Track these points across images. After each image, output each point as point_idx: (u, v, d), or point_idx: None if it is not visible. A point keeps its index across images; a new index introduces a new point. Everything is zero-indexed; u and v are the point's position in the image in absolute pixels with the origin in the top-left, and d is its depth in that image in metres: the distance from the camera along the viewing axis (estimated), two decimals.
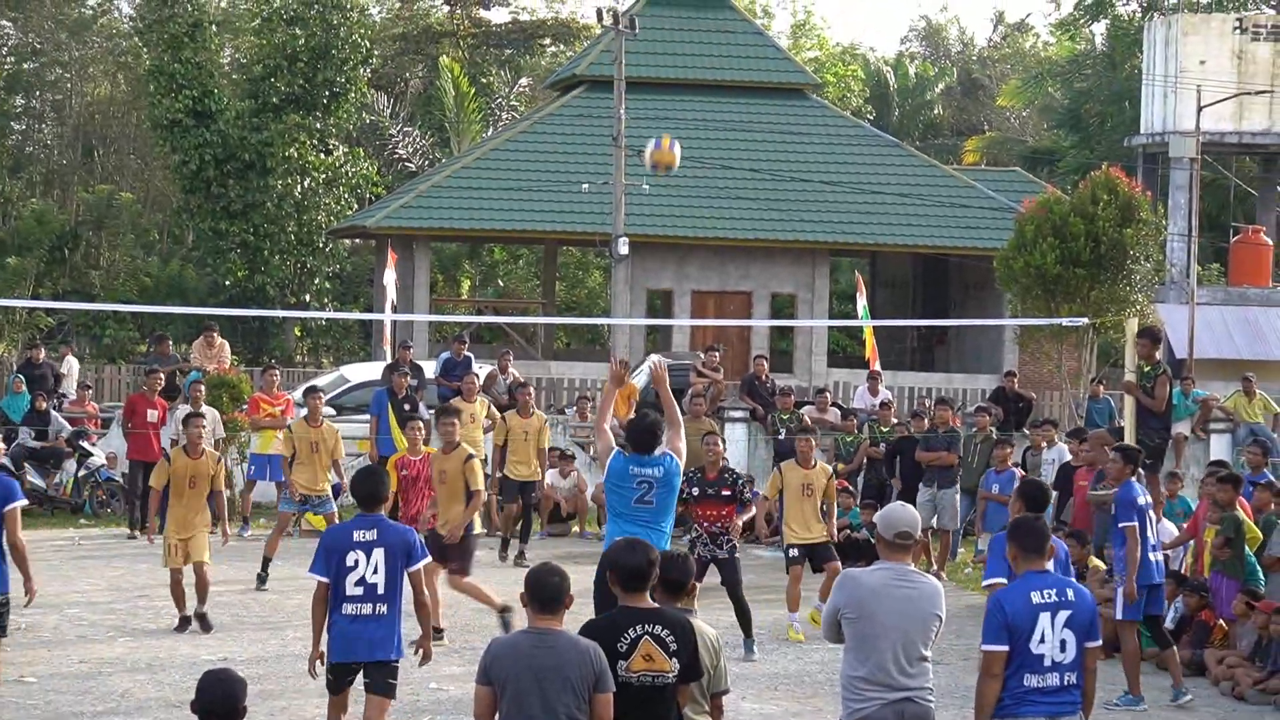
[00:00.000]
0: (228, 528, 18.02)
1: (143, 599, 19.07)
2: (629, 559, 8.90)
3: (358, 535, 11.23)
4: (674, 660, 8.78)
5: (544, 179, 41.58)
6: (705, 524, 16.57)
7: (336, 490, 21.45)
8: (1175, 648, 15.88)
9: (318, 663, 11.45)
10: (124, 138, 62.17)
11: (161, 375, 26.04)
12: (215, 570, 20.47)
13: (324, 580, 11.24)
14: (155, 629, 17.24)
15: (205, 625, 17.10)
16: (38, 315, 47.34)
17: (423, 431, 19.37)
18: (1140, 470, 15.75)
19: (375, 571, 11.15)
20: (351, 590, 11.16)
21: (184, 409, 24.87)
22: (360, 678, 11.41)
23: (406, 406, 25.09)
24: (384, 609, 11.21)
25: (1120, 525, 15.05)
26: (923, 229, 42.51)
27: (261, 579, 20.17)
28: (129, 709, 14.09)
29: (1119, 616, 15.17)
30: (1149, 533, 15.08)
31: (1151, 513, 15.28)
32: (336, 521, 20.66)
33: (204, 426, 17.75)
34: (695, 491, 16.59)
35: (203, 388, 25.06)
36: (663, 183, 40.71)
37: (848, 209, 42.42)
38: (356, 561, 11.15)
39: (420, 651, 11.79)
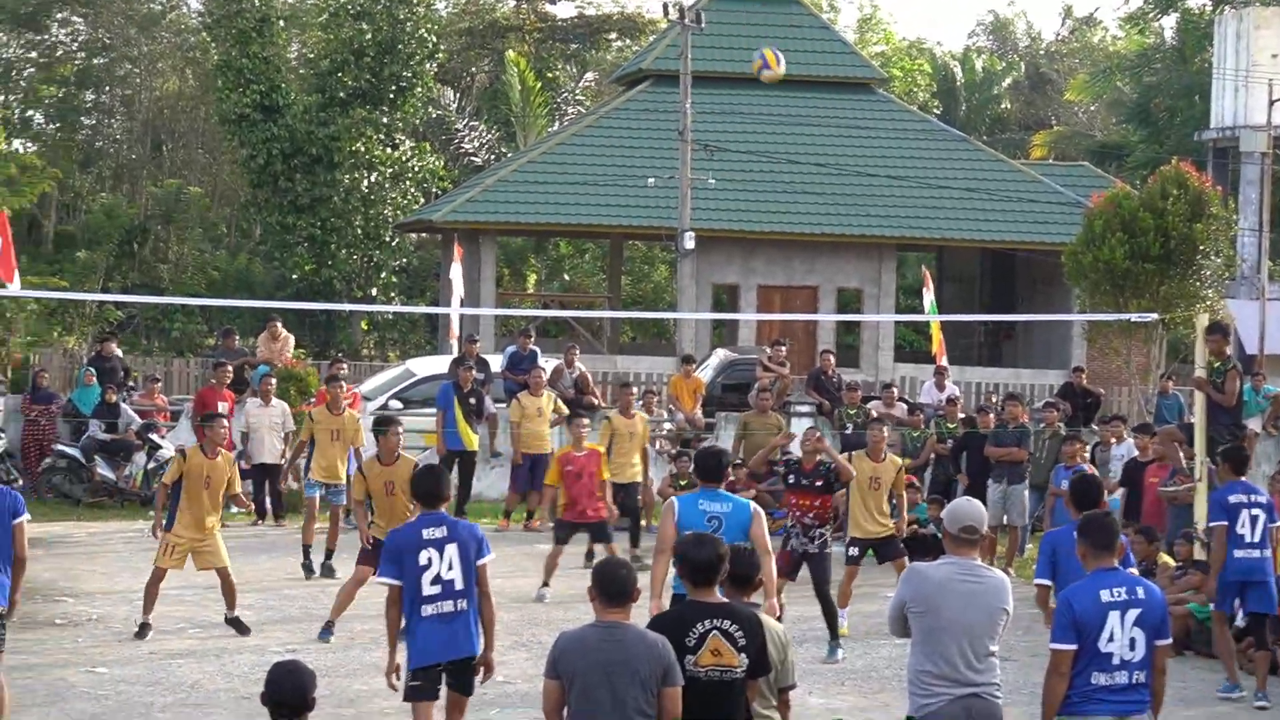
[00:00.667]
0: (246, 500, 18.38)
1: (212, 591, 19.09)
2: (698, 553, 8.88)
3: (427, 533, 10.97)
4: (742, 655, 8.76)
5: (610, 173, 41.59)
6: (798, 513, 16.57)
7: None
8: (1270, 651, 15.70)
9: (394, 675, 11.18)
10: (192, 132, 62.50)
11: (230, 368, 26.18)
12: (283, 564, 20.69)
13: (395, 583, 10.98)
14: (224, 621, 17.30)
15: (241, 629, 16.81)
16: (107, 309, 47.63)
17: (587, 427, 19.63)
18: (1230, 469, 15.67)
19: (450, 568, 10.89)
20: (429, 589, 10.89)
21: (252, 402, 25.06)
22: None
23: (472, 400, 25.14)
24: (464, 604, 10.97)
25: (1209, 524, 15.57)
26: (990, 224, 42.33)
27: (307, 568, 20.32)
28: (198, 700, 14.17)
29: (1212, 609, 15.50)
30: (1244, 530, 15.12)
31: (1255, 511, 15.20)
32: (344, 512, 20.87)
33: (225, 428, 17.34)
34: (791, 480, 16.74)
35: (274, 381, 25.18)
36: (729, 177, 40.71)
37: (914, 204, 42.29)
38: (430, 560, 10.87)
39: (483, 669, 11.27)
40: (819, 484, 16.56)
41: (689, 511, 11.67)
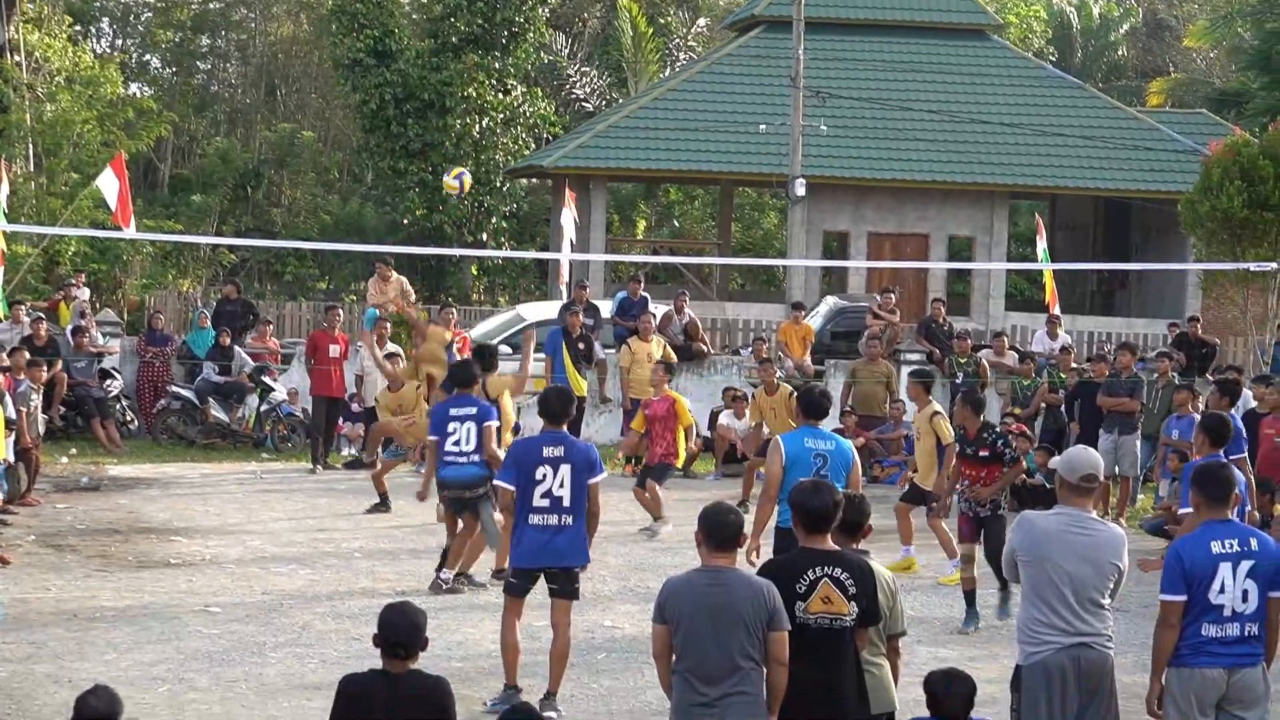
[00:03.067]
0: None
1: (322, 533, 19.34)
2: (813, 501, 8.85)
3: (546, 451, 11.85)
4: (852, 604, 8.73)
5: (721, 120, 41.47)
6: (966, 480, 15.70)
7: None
8: None
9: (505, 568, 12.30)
10: (306, 77, 62.82)
11: (340, 311, 26.42)
12: (395, 507, 20.80)
13: (511, 489, 11.87)
14: (335, 563, 17.46)
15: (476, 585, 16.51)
16: (221, 252, 48.04)
17: (670, 375, 21.32)
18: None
19: (561, 485, 11.77)
20: (538, 502, 11.79)
21: (366, 353, 25.18)
22: (545, 583, 11.98)
23: (581, 346, 25.19)
24: (569, 520, 11.82)
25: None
26: (1104, 172, 41.88)
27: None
28: (309, 640, 14.31)
29: None
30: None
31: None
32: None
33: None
34: (958, 449, 15.95)
35: (388, 325, 25.24)
36: (840, 124, 40.48)
37: (1028, 151, 41.90)
38: (544, 475, 11.78)
39: None
40: (983, 453, 15.55)
41: (796, 448, 12.08)
